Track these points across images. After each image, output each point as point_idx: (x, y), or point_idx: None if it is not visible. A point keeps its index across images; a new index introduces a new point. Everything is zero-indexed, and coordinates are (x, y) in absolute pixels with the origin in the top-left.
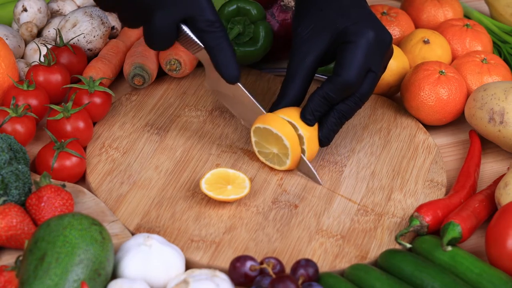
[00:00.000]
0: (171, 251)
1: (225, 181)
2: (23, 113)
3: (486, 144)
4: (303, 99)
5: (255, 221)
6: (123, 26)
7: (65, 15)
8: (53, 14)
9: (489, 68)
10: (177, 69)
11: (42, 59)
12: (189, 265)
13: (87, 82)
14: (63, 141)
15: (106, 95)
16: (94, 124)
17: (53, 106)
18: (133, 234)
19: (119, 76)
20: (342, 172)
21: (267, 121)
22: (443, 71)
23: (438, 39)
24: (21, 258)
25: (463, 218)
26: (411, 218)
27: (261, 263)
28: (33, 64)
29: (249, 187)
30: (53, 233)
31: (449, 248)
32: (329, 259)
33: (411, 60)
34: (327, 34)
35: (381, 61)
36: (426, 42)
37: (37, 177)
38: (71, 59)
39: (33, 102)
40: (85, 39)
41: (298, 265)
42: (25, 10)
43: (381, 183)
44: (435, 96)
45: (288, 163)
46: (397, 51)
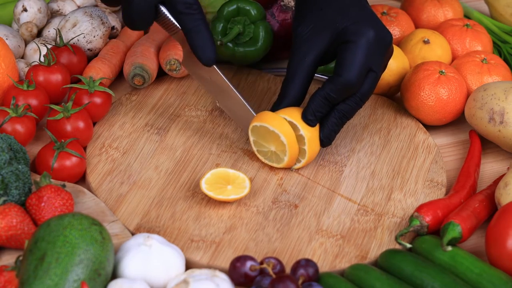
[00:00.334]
0: (171, 251)
1: (225, 181)
2: (23, 113)
3: (486, 144)
4: (304, 98)
5: (255, 221)
6: (103, 3)
7: (65, 15)
8: (53, 14)
9: (489, 68)
10: (177, 69)
11: (42, 59)
12: (189, 265)
13: (87, 82)
14: (63, 141)
15: (106, 95)
16: (94, 124)
17: (53, 106)
18: (133, 234)
19: (119, 76)
20: (342, 172)
21: (264, 119)
22: (443, 71)
23: (438, 39)
24: (21, 258)
25: (463, 218)
26: (411, 218)
27: (261, 263)
28: (33, 64)
29: (249, 187)
30: (53, 233)
31: (449, 248)
32: (329, 259)
33: (411, 60)
34: (327, 33)
35: (381, 60)
36: (426, 42)
37: (37, 177)
38: (71, 59)
39: (33, 102)
40: (85, 39)
41: (298, 265)
42: (25, 10)
43: (381, 183)
44: (435, 96)
45: (285, 160)
46: (397, 51)
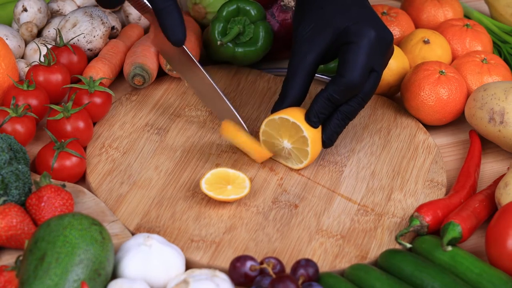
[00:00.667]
0: (171, 251)
1: (225, 181)
2: (23, 113)
3: (486, 144)
4: (305, 97)
5: (255, 221)
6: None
7: (65, 15)
8: (53, 14)
9: (489, 68)
10: None
11: (42, 59)
12: (189, 265)
13: (87, 82)
14: (63, 141)
15: (106, 95)
16: (94, 124)
17: (53, 106)
18: (133, 234)
19: (119, 76)
20: (342, 172)
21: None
22: (443, 71)
23: (438, 39)
24: (21, 258)
25: (463, 218)
26: (411, 218)
27: (261, 263)
28: (33, 64)
29: (249, 187)
30: (53, 233)
31: (449, 248)
32: (329, 259)
33: (411, 60)
34: (328, 32)
35: (383, 60)
36: (426, 42)
37: (37, 177)
38: (71, 59)
39: (33, 102)
40: (85, 39)
41: (298, 265)
42: (25, 10)
43: (381, 183)
44: (435, 96)
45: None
46: (397, 51)
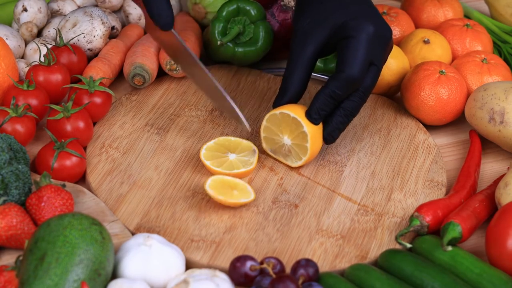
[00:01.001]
0: (171, 251)
1: (229, 187)
2: (23, 113)
3: (486, 144)
4: (305, 90)
5: (255, 221)
6: None
7: (65, 15)
8: (53, 14)
9: (489, 68)
10: (177, 69)
11: (42, 59)
12: (189, 265)
13: (87, 82)
14: (63, 141)
15: (106, 95)
16: (94, 124)
17: (53, 106)
18: (133, 234)
19: (119, 76)
20: (342, 172)
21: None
22: (443, 71)
23: (438, 39)
24: (21, 258)
25: (463, 218)
26: (411, 218)
27: (261, 263)
28: (33, 64)
29: (253, 191)
30: (53, 233)
31: (449, 248)
32: (329, 259)
33: (411, 60)
34: (326, 26)
35: (382, 54)
36: (426, 42)
37: (37, 177)
38: (71, 59)
39: (33, 102)
40: (85, 39)
41: (298, 265)
42: (25, 10)
43: (381, 183)
44: (435, 96)
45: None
46: (397, 51)
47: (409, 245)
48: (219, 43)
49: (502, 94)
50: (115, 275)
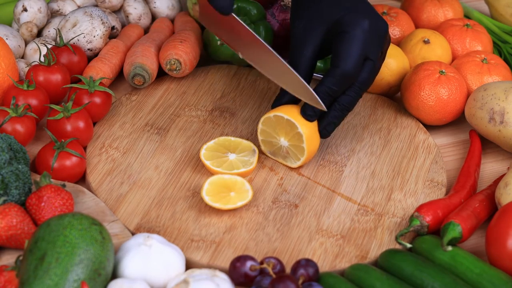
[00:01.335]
0: (171, 251)
1: (226, 188)
2: (23, 113)
3: (486, 144)
4: None
5: (255, 221)
6: None
7: (65, 15)
8: (53, 14)
9: (489, 68)
10: (177, 69)
11: (42, 59)
12: (189, 265)
13: (87, 82)
14: (63, 141)
15: (106, 95)
16: (94, 124)
17: (53, 106)
18: (133, 234)
19: (119, 76)
20: (342, 172)
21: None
22: (443, 71)
23: (438, 39)
24: (21, 258)
25: (463, 218)
26: (411, 218)
27: (261, 263)
28: (33, 64)
29: (251, 189)
30: (53, 233)
31: (449, 248)
32: (329, 259)
33: (411, 60)
34: (322, 25)
35: (378, 49)
36: (426, 42)
37: (37, 177)
38: (71, 59)
39: (33, 102)
40: (85, 39)
41: (298, 265)
42: (25, 10)
43: (381, 183)
44: (435, 96)
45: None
46: (397, 51)
47: (409, 245)
48: (219, 43)
49: (502, 94)
50: (115, 275)
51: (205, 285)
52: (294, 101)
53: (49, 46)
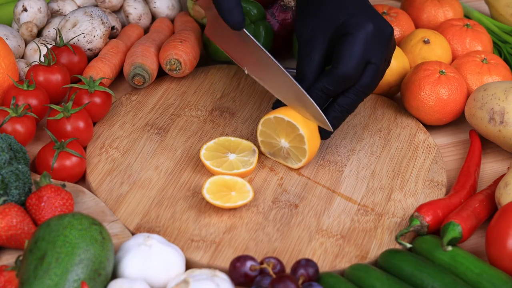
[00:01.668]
0: (171, 251)
1: (227, 188)
2: (23, 113)
3: (486, 144)
4: None
5: (255, 221)
6: None
7: (65, 15)
8: (53, 14)
9: (489, 68)
10: (177, 69)
11: (42, 59)
12: (189, 265)
13: (87, 82)
14: (63, 141)
15: (106, 95)
16: (94, 124)
17: (53, 106)
18: (133, 234)
19: (119, 76)
20: (342, 172)
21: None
22: (443, 71)
23: (438, 39)
24: (21, 258)
25: (463, 218)
26: (411, 218)
27: (261, 263)
28: (33, 64)
29: (252, 190)
30: (53, 233)
31: (449, 248)
32: (329, 259)
33: (411, 60)
34: (328, 31)
35: (382, 53)
36: (426, 42)
37: (37, 177)
38: (71, 59)
39: (33, 102)
40: (85, 39)
41: (298, 265)
42: (25, 10)
43: (381, 183)
44: (435, 96)
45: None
46: (397, 51)
47: (409, 245)
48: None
49: (502, 94)
50: (115, 275)
51: (205, 285)
52: None
53: (49, 46)
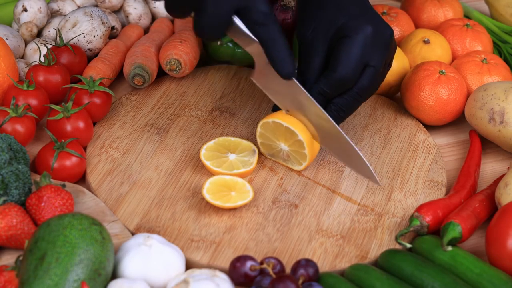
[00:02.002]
0: (171, 251)
1: (227, 188)
2: (23, 113)
3: (486, 144)
4: None
5: (255, 221)
6: (170, 14)
7: (65, 15)
8: (53, 14)
9: (489, 68)
10: (177, 69)
11: (42, 59)
12: (189, 265)
13: (87, 82)
14: (63, 141)
15: (106, 95)
16: (94, 124)
17: (53, 106)
18: (133, 234)
19: (119, 76)
20: (342, 172)
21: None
22: (443, 71)
23: (438, 39)
24: (21, 258)
25: (463, 218)
26: (411, 218)
27: (261, 263)
28: (33, 64)
29: (252, 190)
30: (53, 233)
31: (449, 248)
32: (329, 259)
33: (411, 60)
34: (328, 32)
35: (381, 55)
36: (426, 42)
37: (37, 177)
38: (71, 59)
39: (33, 102)
40: (85, 39)
41: (298, 265)
42: (25, 10)
43: (381, 183)
44: (435, 96)
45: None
46: (397, 51)
47: (409, 245)
48: (219, 43)
49: (502, 94)
50: (115, 275)
51: (205, 285)
52: None
53: (49, 46)
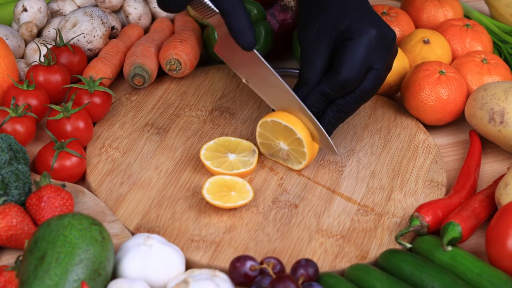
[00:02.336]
0: (171, 251)
1: (227, 188)
2: (23, 113)
3: (486, 144)
4: None
5: (255, 221)
6: (163, 10)
7: (65, 15)
8: (53, 14)
9: (489, 68)
10: (177, 69)
11: (42, 59)
12: (189, 265)
13: (87, 82)
14: (63, 141)
15: (106, 95)
16: (94, 124)
17: (53, 106)
18: (133, 234)
19: (119, 76)
20: (342, 172)
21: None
22: (443, 71)
23: (438, 39)
24: (21, 258)
25: (463, 218)
26: (411, 218)
27: (261, 263)
28: (33, 64)
29: (252, 190)
30: (53, 233)
31: (449, 248)
32: (329, 259)
33: (411, 60)
34: (330, 35)
35: (383, 58)
36: (426, 42)
37: (37, 177)
38: (71, 59)
39: (33, 102)
40: (85, 39)
41: (298, 265)
42: (25, 10)
43: (381, 183)
44: (435, 96)
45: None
46: None
47: (409, 245)
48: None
49: (502, 94)
50: (115, 275)
51: (205, 285)
52: None
53: (49, 46)
